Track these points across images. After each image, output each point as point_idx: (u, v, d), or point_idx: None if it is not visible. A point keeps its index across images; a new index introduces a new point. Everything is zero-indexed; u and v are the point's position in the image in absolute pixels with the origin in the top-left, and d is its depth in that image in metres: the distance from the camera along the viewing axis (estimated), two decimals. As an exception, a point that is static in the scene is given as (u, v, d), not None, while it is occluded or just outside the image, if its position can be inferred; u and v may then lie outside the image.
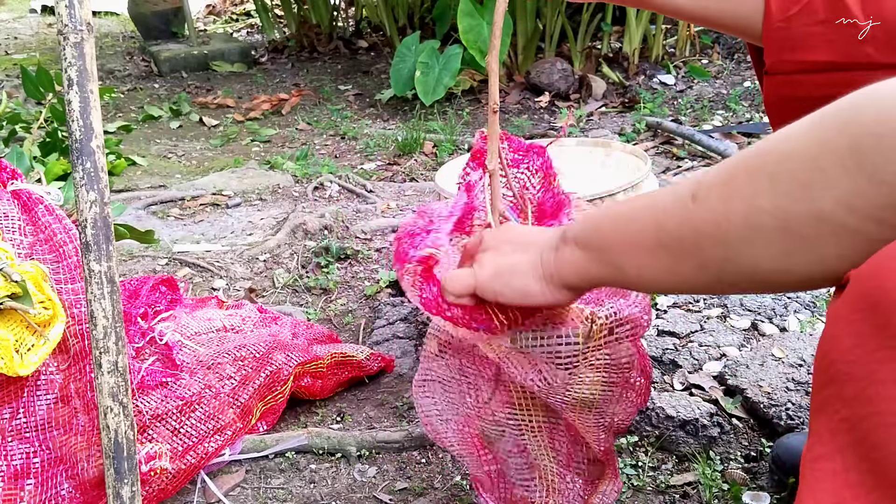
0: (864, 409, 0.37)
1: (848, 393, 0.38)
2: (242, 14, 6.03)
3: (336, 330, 1.59)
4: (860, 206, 0.41)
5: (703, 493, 1.06)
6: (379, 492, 1.12)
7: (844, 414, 0.38)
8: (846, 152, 0.41)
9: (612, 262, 0.58)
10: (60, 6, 0.84)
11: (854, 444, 0.38)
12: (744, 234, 0.47)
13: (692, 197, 0.50)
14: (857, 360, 0.38)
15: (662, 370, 1.33)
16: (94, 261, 0.86)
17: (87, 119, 0.85)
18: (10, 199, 1.04)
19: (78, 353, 1.01)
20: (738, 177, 0.47)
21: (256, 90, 3.97)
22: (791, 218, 0.44)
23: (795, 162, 0.44)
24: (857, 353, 0.38)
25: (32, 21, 6.36)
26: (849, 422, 0.38)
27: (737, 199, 0.47)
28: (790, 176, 0.44)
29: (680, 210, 0.51)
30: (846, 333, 0.39)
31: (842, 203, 0.42)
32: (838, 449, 0.38)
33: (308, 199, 2.38)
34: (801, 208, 0.43)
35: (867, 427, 0.37)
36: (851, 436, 0.38)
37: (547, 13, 3.39)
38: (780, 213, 0.44)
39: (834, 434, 0.39)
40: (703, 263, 0.50)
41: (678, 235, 0.51)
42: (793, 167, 0.44)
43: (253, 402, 1.21)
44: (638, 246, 0.55)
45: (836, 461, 0.38)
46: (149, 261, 1.96)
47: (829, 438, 0.39)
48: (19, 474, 0.97)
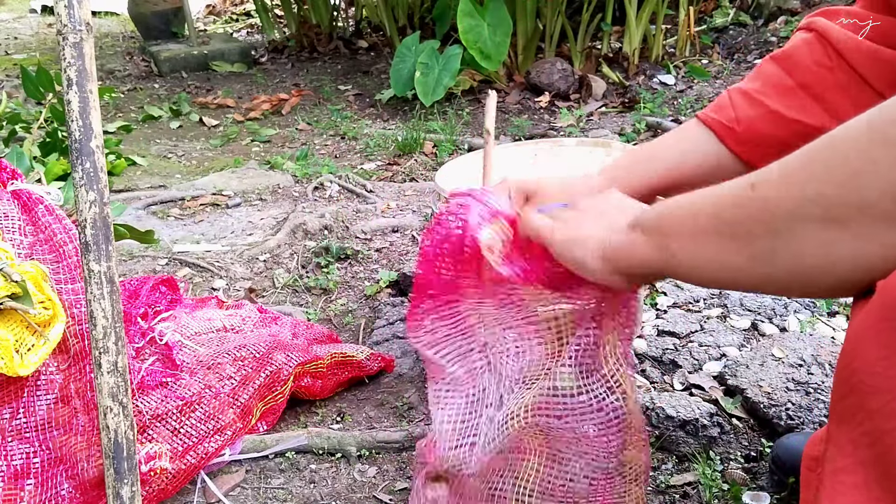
0: (888, 424, 0.36)
1: (872, 405, 0.37)
2: (242, 14, 6.03)
3: (336, 330, 1.59)
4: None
5: (703, 493, 1.06)
6: (379, 492, 1.12)
7: (867, 427, 0.38)
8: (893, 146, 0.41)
9: (667, 247, 0.58)
10: (60, 6, 0.84)
11: (876, 460, 0.37)
12: (791, 223, 0.47)
13: (751, 185, 0.50)
14: (882, 373, 0.37)
15: (662, 370, 1.33)
16: (94, 261, 0.86)
17: (86, 119, 0.85)
18: (10, 199, 1.04)
19: (78, 353, 1.01)
20: (795, 165, 0.48)
21: (256, 90, 3.97)
22: (837, 206, 0.44)
23: (849, 151, 0.44)
24: (884, 365, 0.37)
25: (32, 21, 6.36)
26: (871, 435, 0.37)
27: (790, 187, 0.47)
28: (841, 164, 0.44)
29: (738, 197, 0.51)
30: (872, 344, 0.38)
31: (888, 194, 0.41)
32: (860, 462, 0.38)
33: (308, 199, 2.38)
34: (848, 197, 0.43)
35: (890, 442, 0.36)
36: (874, 450, 0.37)
37: (547, 13, 3.39)
38: (827, 202, 0.44)
39: (856, 446, 0.38)
40: (753, 254, 0.50)
41: (732, 222, 0.51)
42: (846, 156, 0.44)
43: (253, 402, 1.21)
44: (693, 232, 0.55)
45: (859, 474, 0.38)
46: (149, 261, 1.96)
47: (851, 451, 0.39)
48: (19, 474, 0.97)
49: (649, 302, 1.53)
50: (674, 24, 3.84)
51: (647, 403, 1.17)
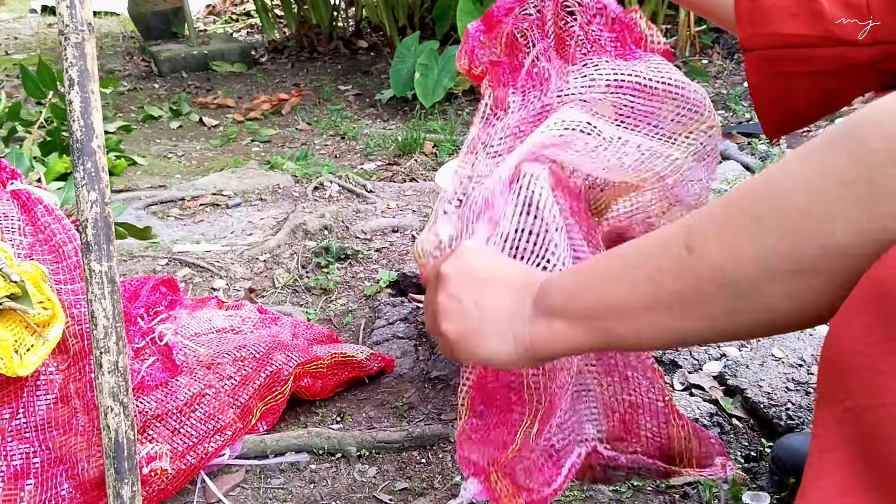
0: (867, 400, 0.37)
1: (853, 383, 0.38)
2: (242, 14, 6.03)
3: (336, 330, 1.59)
4: (877, 229, 0.40)
5: (703, 493, 1.06)
6: (379, 492, 1.12)
7: (849, 404, 0.38)
8: (858, 182, 0.40)
9: (605, 328, 0.53)
10: (62, 6, 0.84)
11: (859, 436, 0.38)
12: (756, 279, 0.45)
13: (686, 248, 0.47)
14: (863, 351, 0.37)
15: (662, 370, 1.33)
16: (95, 261, 0.86)
17: (87, 119, 0.85)
18: (9, 199, 1.04)
19: (78, 353, 1.01)
20: (738, 219, 0.45)
21: (256, 90, 3.97)
22: (805, 255, 0.42)
23: (802, 197, 0.42)
24: (864, 344, 0.37)
25: (32, 21, 6.36)
26: (853, 412, 0.38)
27: (742, 243, 0.45)
28: (799, 212, 0.42)
29: (675, 263, 0.48)
30: (853, 326, 0.38)
31: (860, 234, 0.40)
32: (845, 439, 0.38)
33: (308, 199, 2.38)
34: (815, 243, 0.42)
35: (871, 418, 0.37)
36: (856, 427, 0.38)
37: (547, 13, 3.39)
38: (794, 252, 0.43)
39: (840, 424, 0.39)
40: (712, 315, 0.48)
41: (679, 290, 0.48)
42: (799, 201, 0.42)
43: (253, 402, 1.21)
44: (633, 309, 0.51)
45: (843, 451, 0.38)
46: (149, 261, 1.96)
47: (836, 428, 0.39)
48: (19, 474, 0.97)
49: (649, 302, 1.53)
50: (674, 24, 3.84)
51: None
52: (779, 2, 0.79)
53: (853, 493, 0.38)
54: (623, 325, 0.52)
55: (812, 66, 0.79)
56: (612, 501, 1.06)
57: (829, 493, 0.39)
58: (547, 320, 0.56)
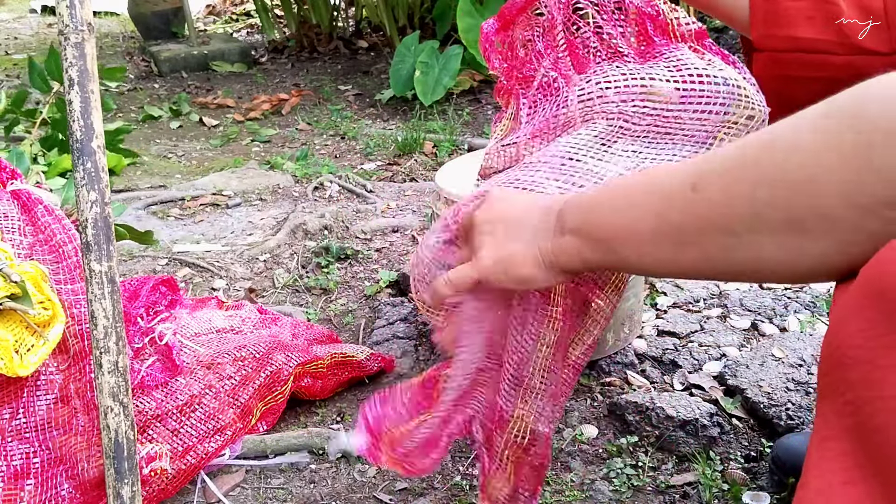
0: (867, 393, 0.38)
1: (853, 376, 0.38)
2: (242, 14, 6.03)
3: (336, 330, 1.59)
4: (865, 202, 0.41)
5: (703, 493, 1.06)
6: (379, 492, 1.12)
7: (849, 397, 0.39)
8: (851, 148, 0.41)
9: (614, 250, 0.57)
10: (61, 6, 0.84)
11: (858, 426, 0.38)
12: (749, 224, 0.47)
13: (692, 187, 0.50)
14: (863, 345, 0.38)
15: (662, 370, 1.33)
16: (95, 261, 0.86)
17: (87, 119, 0.85)
18: (9, 199, 1.04)
19: (78, 354, 1.01)
20: (740, 167, 0.48)
21: (256, 90, 3.97)
22: (795, 209, 0.44)
23: (800, 154, 0.44)
24: (864, 338, 0.38)
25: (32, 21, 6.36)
26: (853, 405, 0.39)
27: (740, 189, 0.47)
28: (795, 168, 0.44)
29: (680, 199, 0.51)
30: (854, 318, 0.39)
31: (846, 198, 0.42)
32: (845, 430, 0.39)
33: (308, 199, 2.38)
34: (805, 202, 0.44)
35: (870, 411, 0.37)
36: (856, 419, 0.38)
37: (547, 13, 3.39)
38: (784, 205, 0.45)
39: (840, 416, 0.39)
40: (706, 252, 0.50)
41: (680, 225, 0.51)
42: (798, 160, 0.44)
43: (253, 402, 1.21)
44: (639, 235, 0.55)
45: (844, 441, 0.39)
46: (149, 261, 1.96)
47: (836, 421, 0.40)
48: (19, 474, 0.97)
49: (649, 302, 1.53)
50: (674, 24, 3.84)
51: (647, 403, 1.17)
52: (795, 3, 0.78)
53: (854, 483, 0.38)
54: (627, 250, 0.56)
55: (823, 72, 0.78)
56: (611, 501, 1.06)
57: (831, 482, 0.39)
58: (568, 237, 0.61)
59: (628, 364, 1.32)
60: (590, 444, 1.17)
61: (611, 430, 1.20)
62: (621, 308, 1.28)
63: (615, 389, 1.28)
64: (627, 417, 1.18)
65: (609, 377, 1.31)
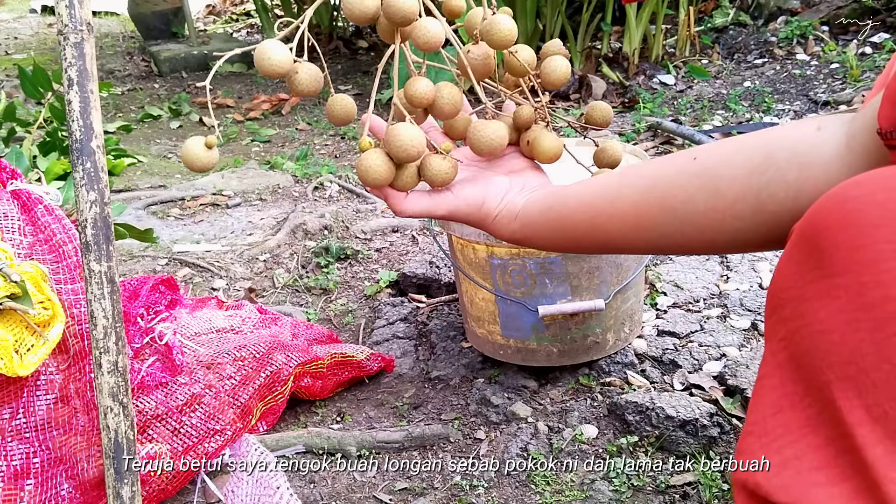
0: (795, 324, 0.42)
1: (785, 314, 0.43)
2: (242, 14, 6.03)
3: (336, 330, 1.59)
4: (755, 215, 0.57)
5: (703, 493, 1.06)
6: (379, 492, 1.12)
7: (782, 334, 0.43)
8: (754, 188, 0.56)
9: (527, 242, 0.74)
10: (60, 6, 0.84)
11: (789, 358, 0.42)
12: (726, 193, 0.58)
13: (693, 157, 0.60)
14: (793, 286, 0.42)
15: (662, 370, 1.33)
16: (94, 261, 0.86)
17: (87, 119, 0.85)
18: (9, 199, 1.04)
19: (78, 353, 1.01)
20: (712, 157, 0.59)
21: (256, 90, 3.97)
22: (732, 195, 0.57)
23: (732, 170, 0.58)
24: (794, 280, 0.42)
25: (32, 21, 6.36)
26: (785, 340, 0.43)
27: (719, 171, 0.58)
28: (730, 172, 0.57)
29: (684, 161, 0.63)
30: (785, 266, 0.43)
31: (746, 208, 0.57)
32: (777, 365, 0.43)
33: (308, 199, 2.38)
34: (733, 195, 0.57)
35: (798, 339, 0.41)
36: (787, 351, 0.42)
37: (547, 13, 3.39)
38: (730, 189, 0.57)
39: (773, 354, 0.43)
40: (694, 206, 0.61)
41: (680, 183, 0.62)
42: (732, 171, 0.58)
43: (253, 402, 1.21)
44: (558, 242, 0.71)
45: (775, 376, 0.43)
46: (149, 261, 1.96)
47: (770, 358, 0.44)
48: (19, 474, 0.97)
49: (649, 302, 1.53)
50: (674, 24, 3.84)
51: (647, 403, 1.17)
52: None
53: (782, 411, 0.42)
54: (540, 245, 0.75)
55: None
56: (611, 501, 1.06)
57: (764, 413, 0.43)
58: (518, 222, 0.76)
59: (628, 364, 1.32)
60: (590, 444, 1.17)
61: (611, 430, 1.20)
62: (621, 308, 1.28)
63: (615, 389, 1.28)
64: (627, 417, 1.18)
65: (609, 377, 1.31)
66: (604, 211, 0.66)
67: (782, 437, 0.41)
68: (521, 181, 0.77)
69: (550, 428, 1.21)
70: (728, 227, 0.57)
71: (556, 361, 1.30)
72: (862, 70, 3.00)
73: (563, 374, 1.33)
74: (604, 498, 1.07)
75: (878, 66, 2.99)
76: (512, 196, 0.75)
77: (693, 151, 0.61)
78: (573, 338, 1.27)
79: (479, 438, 1.22)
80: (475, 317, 1.33)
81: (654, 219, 0.61)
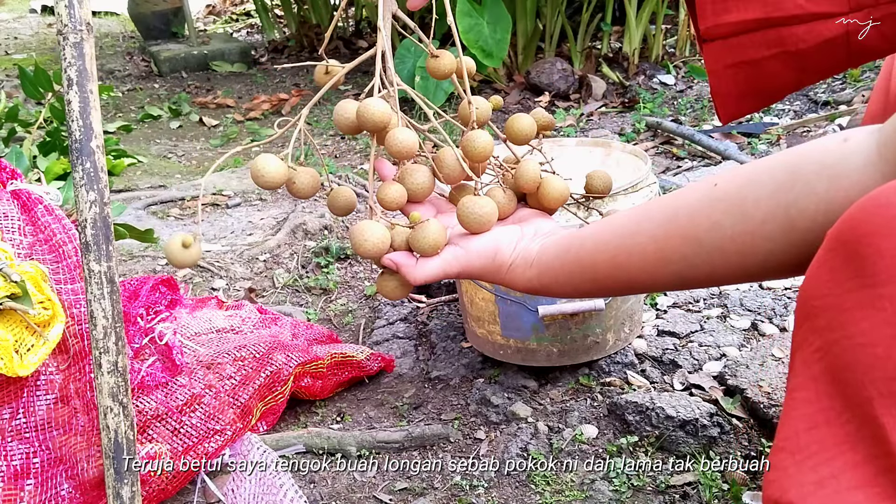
0: (834, 335, 0.39)
1: (821, 323, 0.41)
2: (242, 14, 6.03)
3: (336, 330, 1.59)
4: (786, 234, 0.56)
5: (703, 493, 1.06)
6: (379, 492, 1.12)
7: (818, 344, 0.41)
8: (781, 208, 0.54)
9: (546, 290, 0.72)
10: (60, 6, 0.84)
11: (826, 371, 0.40)
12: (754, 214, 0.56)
13: (713, 183, 0.58)
14: (829, 293, 0.40)
15: (662, 370, 1.33)
16: (94, 261, 0.86)
17: (86, 119, 0.85)
18: (9, 199, 1.04)
19: (78, 353, 1.01)
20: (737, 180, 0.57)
21: (256, 90, 3.97)
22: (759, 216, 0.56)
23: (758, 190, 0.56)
24: (830, 287, 0.40)
25: (32, 21, 6.36)
26: (821, 351, 0.40)
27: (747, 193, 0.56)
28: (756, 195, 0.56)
29: (706, 188, 0.61)
30: (820, 272, 0.41)
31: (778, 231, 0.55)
32: (811, 377, 0.41)
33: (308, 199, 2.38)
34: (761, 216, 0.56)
35: (838, 350, 0.39)
36: (823, 363, 0.40)
37: (547, 13, 3.39)
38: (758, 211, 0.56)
39: (807, 365, 0.41)
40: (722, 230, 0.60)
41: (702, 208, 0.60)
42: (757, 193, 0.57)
43: (253, 402, 1.21)
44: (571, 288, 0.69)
45: (810, 389, 0.41)
46: (149, 261, 1.96)
47: (803, 370, 0.42)
48: (19, 474, 0.97)
49: (649, 302, 1.53)
50: (674, 24, 3.84)
51: (647, 403, 1.17)
52: None
53: (818, 426, 0.40)
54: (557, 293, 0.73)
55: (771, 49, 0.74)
56: (611, 501, 1.06)
57: (797, 429, 0.41)
58: (534, 270, 0.75)
59: (628, 364, 1.32)
60: (590, 444, 1.17)
61: (611, 430, 1.20)
62: (621, 308, 1.28)
63: (615, 389, 1.28)
64: (627, 417, 1.18)
65: (609, 377, 1.31)
66: (624, 248, 0.63)
67: (818, 455, 0.39)
68: (532, 228, 0.75)
69: (550, 428, 1.21)
70: (760, 249, 0.55)
71: (556, 361, 1.30)
72: (862, 70, 3.00)
73: (563, 374, 1.33)
74: (604, 498, 1.07)
75: (877, 66, 2.98)
76: (525, 243, 0.72)
77: (713, 178, 0.58)
78: (573, 338, 1.27)
79: (479, 438, 1.22)
80: (475, 317, 1.33)
81: (678, 250, 0.59)
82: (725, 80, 0.76)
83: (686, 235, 0.58)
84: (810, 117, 2.64)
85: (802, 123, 2.61)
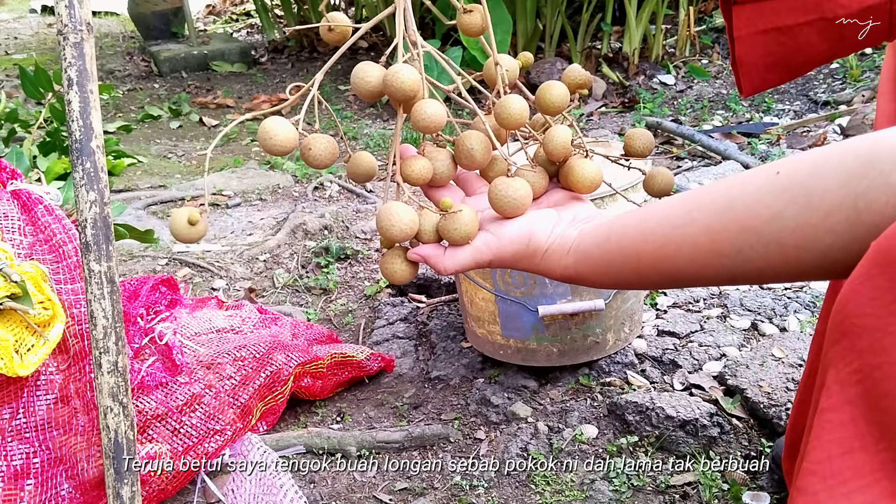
0: (877, 359, 0.37)
1: (861, 344, 0.38)
2: (242, 14, 6.03)
3: (336, 330, 1.59)
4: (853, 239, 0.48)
5: (703, 493, 1.06)
6: (379, 492, 1.12)
7: (856, 365, 0.39)
8: (851, 199, 0.46)
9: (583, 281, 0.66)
10: (60, 6, 0.84)
11: (864, 395, 0.38)
12: (821, 205, 0.51)
13: (776, 170, 0.54)
14: (872, 313, 0.38)
15: (662, 370, 1.33)
16: (94, 261, 0.86)
17: (86, 119, 0.85)
18: (9, 199, 1.04)
19: (78, 353, 1.01)
20: None
21: (256, 90, 3.97)
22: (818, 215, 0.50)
23: (826, 182, 0.48)
24: (874, 306, 0.38)
25: (32, 21, 6.36)
26: (860, 373, 0.38)
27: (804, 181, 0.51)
28: (817, 186, 0.50)
29: (767, 177, 0.56)
30: (864, 289, 0.39)
31: (842, 232, 0.48)
32: (847, 400, 0.39)
33: (308, 199, 2.38)
34: (825, 210, 0.49)
35: (879, 376, 0.37)
36: (862, 386, 0.38)
37: (547, 13, 3.39)
38: (819, 202, 0.49)
39: (843, 386, 0.39)
40: (785, 222, 0.55)
41: (766, 201, 0.56)
42: (823, 184, 0.49)
43: (253, 402, 1.21)
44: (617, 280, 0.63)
45: (845, 412, 0.39)
46: (149, 261, 1.96)
47: (838, 390, 0.39)
48: (19, 474, 0.97)
49: (649, 302, 1.53)
50: (674, 24, 3.85)
51: (647, 403, 1.17)
52: None
53: (853, 452, 0.38)
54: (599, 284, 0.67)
55: (807, 15, 0.69)
56: (611, 501, 1.06)
57: (830, 453, 0.39)
58: (572, 257, 0.68)
59: (628, 364, 1.32)
60: (590, 444, 1.17)
61: (611, 430, 1.20)
62: (621, 308, 1.28)
63: (615, 389, 1.28)
64: (627, 417, 1.18)
65: (609, 377, 1.31)
66: (673, 238, 0.59)
67: (851, 481, 0.38)
68: (570, 213, 0.70)
69: (550, 428, 1.21)
70: (821, 243, 0.51)
71: (556, 361, 1.30)
72: (862, 70, 3.00)
73: (563, 374, 1.33)
74: (604, 498, 1.07)
75: (877, 66, 2.98)
76: (562, 229, 0.67)
77: (774, 166, 0.54)
78: (573, 338, 1.27)
79: (479, 438, 1.22)
80: (475, 317, 1.33)
81: (734, 242, 0.54)
82: (754, 47, 0.71)
83: (744, 226, 0.53)
84: (810, 117, 2.64)
85: (802, 123, 2.61)
